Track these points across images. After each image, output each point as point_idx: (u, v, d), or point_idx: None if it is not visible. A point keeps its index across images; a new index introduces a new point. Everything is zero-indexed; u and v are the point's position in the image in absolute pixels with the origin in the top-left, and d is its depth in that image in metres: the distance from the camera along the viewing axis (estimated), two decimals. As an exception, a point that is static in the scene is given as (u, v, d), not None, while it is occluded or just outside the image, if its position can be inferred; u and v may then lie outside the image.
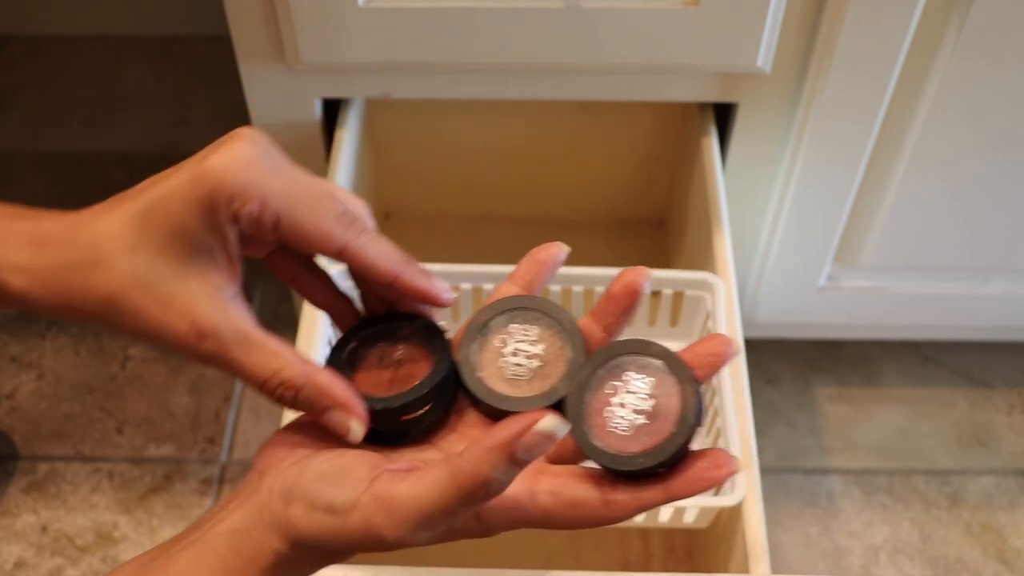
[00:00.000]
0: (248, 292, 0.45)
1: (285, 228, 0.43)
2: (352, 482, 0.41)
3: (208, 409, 1.16)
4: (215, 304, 0.43)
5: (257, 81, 0.85)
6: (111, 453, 1.12)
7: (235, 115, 1.38)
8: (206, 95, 1.48)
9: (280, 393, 0.44)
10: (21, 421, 1.14)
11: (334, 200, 0.44)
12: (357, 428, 0.44)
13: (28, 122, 1.45)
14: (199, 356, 0.43)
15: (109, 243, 0.43)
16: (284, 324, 1.22)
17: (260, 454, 0.45)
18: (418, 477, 0.40)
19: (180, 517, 1.07)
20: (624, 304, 0.46)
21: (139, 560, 0.44)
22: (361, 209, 0.46)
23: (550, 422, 0.39)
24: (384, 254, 0.45)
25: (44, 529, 1.06)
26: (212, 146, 0.43)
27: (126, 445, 1.13)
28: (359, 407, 0.44)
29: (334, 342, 0.48)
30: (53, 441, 1.13)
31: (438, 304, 0.46)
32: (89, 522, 1.07)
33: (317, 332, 0.75)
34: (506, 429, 0.39)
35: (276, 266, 0.47)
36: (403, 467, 0.42)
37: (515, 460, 0.39)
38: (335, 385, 0.44)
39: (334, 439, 0.44)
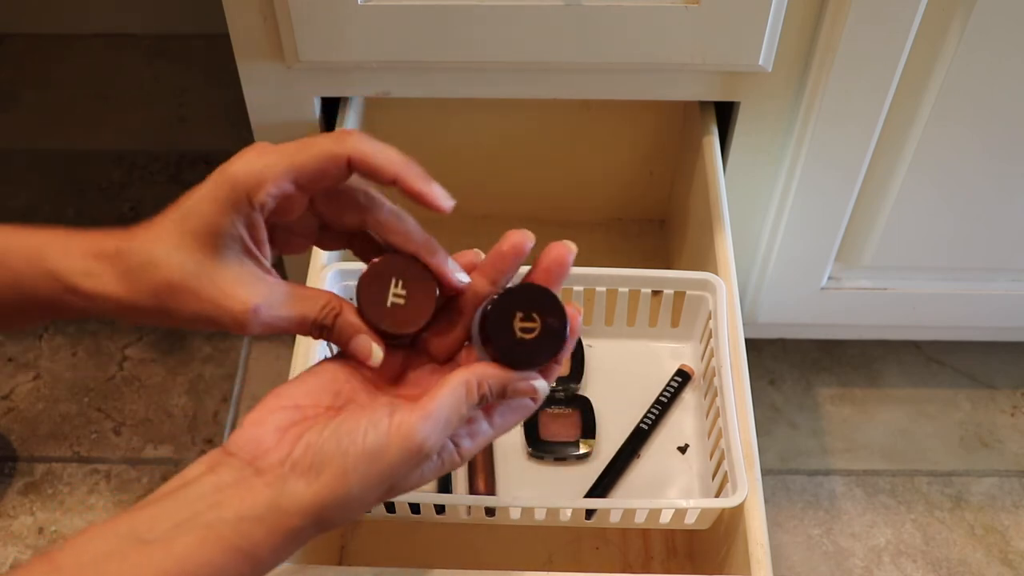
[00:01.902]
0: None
1: (302, 184, 0.49)
2: (369, 423, 0.47)
3: (206, 410, 1.15)
4: (256, 282, 0.51)
5: (256, 80, 0.85)
6: (109, 454, 1.12)
7: (233, 114, 1.38)
8: (204, 94, 1.47)
9: (324, 321, 0.52)
10: (18, 422, 1.14)
11: (322, 136, 0.50)
12: (377, 351, 0.52)
13: (26, 120, 1.45)
14: (257, 328, 0.51)
15: (157, 246, 0.49)
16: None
17: (237, 442, 0.48)
18: (434, 392, 0.48)
19: (178, 518, 1.07)
20: (511, 262, 0.54)
21: (120, 527, 0.45)
22: (350, 128, 0.53)
23: (543, 384, 0.52)
24: (387, 155, 0.50)
25: (41, 531, 1.06)
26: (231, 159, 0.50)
27: (124, 446, 1.12)
28: (376, 336, 0.52)
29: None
30: (50, 442, 1.12)
31: (437, 209, 0.52)
32: (86, 524, 1.06)
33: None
34: (513, 374, 0.51)
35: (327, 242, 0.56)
36: (398, 401, 0.50)
37: (505, 392, 0.51)
38: (358, 318, 0.53)
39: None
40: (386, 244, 0.54)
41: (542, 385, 0.52)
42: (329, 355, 0.74)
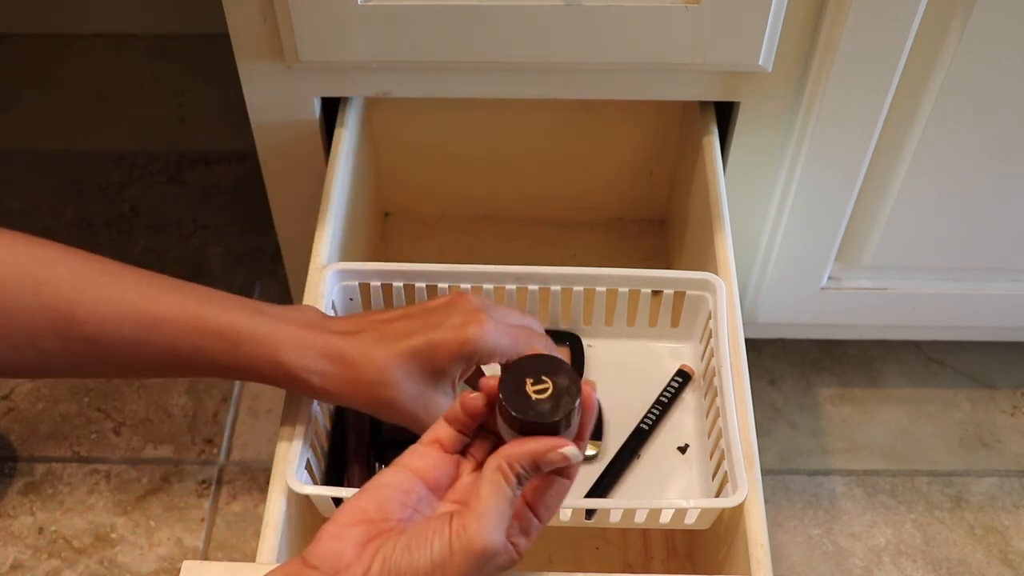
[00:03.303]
0: (247, 291, 0.47)
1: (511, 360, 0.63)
2: (433, 534, 0.51)
3: (206, 410, 1.15)
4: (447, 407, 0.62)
5: (256, 80, 0.85)
6: (109, 454, 1.12)
7: (233, 114, 1.38)
8: (204, 94, 1.47)
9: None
10: (18, 422, 1.14)
11: (537, 337, 0.67)
12: (572, 452, 0.54)
13: (26, 120, 1.45)
14: None
15: (394, 370, 0.63)
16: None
17: (319, 554, 0.51)
18: (477, 490, 0.52)
19: (178, 519, 1.07)
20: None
21: None
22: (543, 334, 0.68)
23: (572, 450, 0.53)
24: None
25: (41, 531, 1.06)
26: (462, 316, 0.64)
27: (124, 446, 1.12)
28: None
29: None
30: (50, 442, 1.13)
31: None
32: (86, 524, 1.06)
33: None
34: (538, 443, 0.53)
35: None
36: (454, 506, 0.54)
37: (537, 467, 0.53)
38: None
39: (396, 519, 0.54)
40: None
41: (573, 452, 0.53)
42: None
